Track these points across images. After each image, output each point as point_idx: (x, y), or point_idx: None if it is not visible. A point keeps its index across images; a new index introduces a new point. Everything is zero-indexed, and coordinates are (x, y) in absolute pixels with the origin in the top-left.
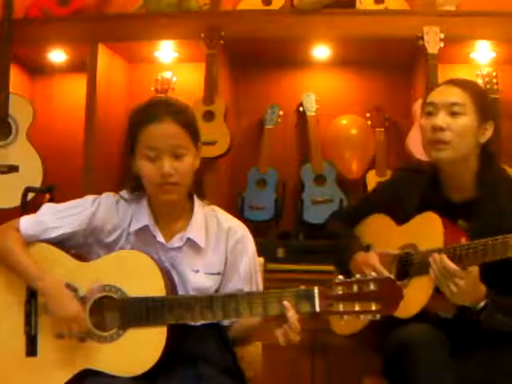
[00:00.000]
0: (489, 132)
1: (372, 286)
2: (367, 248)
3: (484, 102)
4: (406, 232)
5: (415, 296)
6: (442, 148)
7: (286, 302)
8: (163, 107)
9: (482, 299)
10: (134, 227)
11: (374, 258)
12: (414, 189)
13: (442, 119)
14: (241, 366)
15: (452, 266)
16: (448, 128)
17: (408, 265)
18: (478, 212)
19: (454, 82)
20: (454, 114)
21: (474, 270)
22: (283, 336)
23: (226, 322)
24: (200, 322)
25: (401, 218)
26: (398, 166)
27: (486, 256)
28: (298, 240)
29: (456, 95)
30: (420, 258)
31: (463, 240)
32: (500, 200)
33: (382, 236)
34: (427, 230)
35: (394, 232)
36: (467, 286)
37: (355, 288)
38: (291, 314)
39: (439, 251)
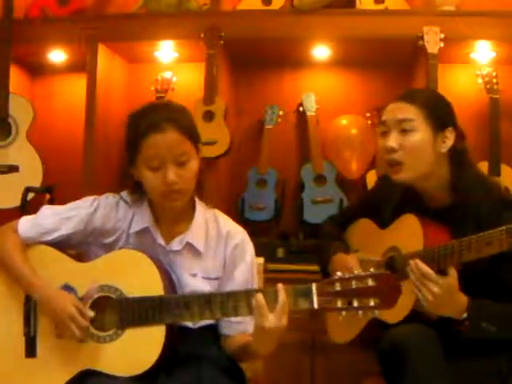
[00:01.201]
0: (450, 140)
1: (370, 282)
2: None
3: (437, 111)
4: (389, 236)
5: (401, 301)
6: (398, 170)
7: (280, 285)
8: (163, 115)
9: (464, 311)
10: (135, 229)
11: (353, 260)
12: (391, 197)
13: (392, 139)
14: (241, 366)
15: (428, 270)
16: (400, 147)
17: (393, 269)
18: (454, 218)
19: (402, 97)
20: (404, 132)
21: (452, 274)
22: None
23: (224, 331)
24: (199, 324)
25: (383, 223)
26: (381, 174)
27: (462, 256)
28: (298, 240)
29: (404, 111)
30: (402, 262)
31: (444, 238)
32: (476, 206)
33: (368, 241)
34: (407, 232)
35: (379, 236)
36: (443, 294)
37: (353, 284)
38: (284, 297)
39: (418, 254)
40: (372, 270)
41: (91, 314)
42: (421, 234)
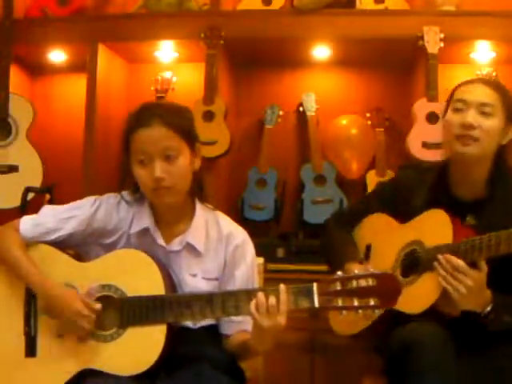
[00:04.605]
0: (510, 135)
1: (371, 282)
2: (368, 248)
3: (511, 105)
4: (412, 229)
5: (424, 292)
6: (470, 143)
7: (281, 285)
8: (152, 111)
9: (488, 304)
10: (135, 229)
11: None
12: (421, 186)
13: (473, 117)
14: (241, 366)
15: (460, 262)
16: (478, 126)
17: (415, 262)
18: (487, 211)
19: (485, 82)
20: (483, 114)
21: (483, 268)
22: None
23: (224, 330)
24: (199, 324)
25: (406, 215)
26: (400, 164)
27: (490, 250)
28: (298, 240)
29: (488, 96)
30: (428, 255)
31: (471, 234)
32: (510, 200)
33: (383, 235)
34: (435, 227)
35: (397, 230)
36: (476, 287)
37: (354, 283)
38: (284, 297)
39: (445, 247)
40: (372, 269)
41: (98, 305)
42: (450, 229)
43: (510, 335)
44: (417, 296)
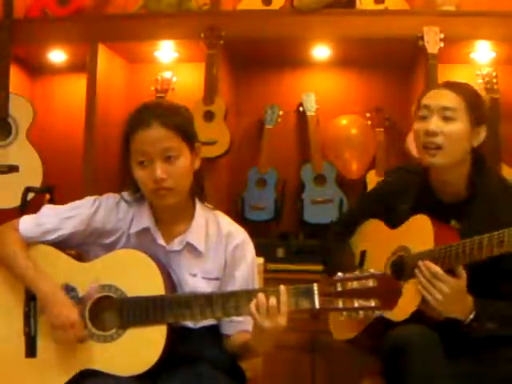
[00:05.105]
0: (481, 136)
1: (371, 283)
2: (362, 254)
3: (478, 106)
4: (399, 235)
5: (407, 299)
6: (435, 153)
7: (282, 286)
8: (151, 112)
9: (470, 312)
10: (135, 229)
11: None
12: (407, 190)
13: (434, 123)
14: (241, 366)
15: (438, 269)
16: (440, 132)
17: (401, 268)
18: (469, 212)
19: (447, 86)
20: (446, 119)
21: (461, 275)
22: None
23: (225, 330)
24: (200, 324)
25: (394, 220)
26: (390, 168)
27: (472, 255)
28: (298, 240)
29: (449, 99)
30: (411, 261)
31: (454, 240)
32: (491, 200)
33: (376, 241)
34: (418, 233)
35: (387, 236)
36: (453, 294)
37: (354, 284)
38: (285, 298)
39: (427, 253)
40: (372, 270)
41: (85, 332)
42: (431, 234)
43: (494, 340)
44: (400, 303)
